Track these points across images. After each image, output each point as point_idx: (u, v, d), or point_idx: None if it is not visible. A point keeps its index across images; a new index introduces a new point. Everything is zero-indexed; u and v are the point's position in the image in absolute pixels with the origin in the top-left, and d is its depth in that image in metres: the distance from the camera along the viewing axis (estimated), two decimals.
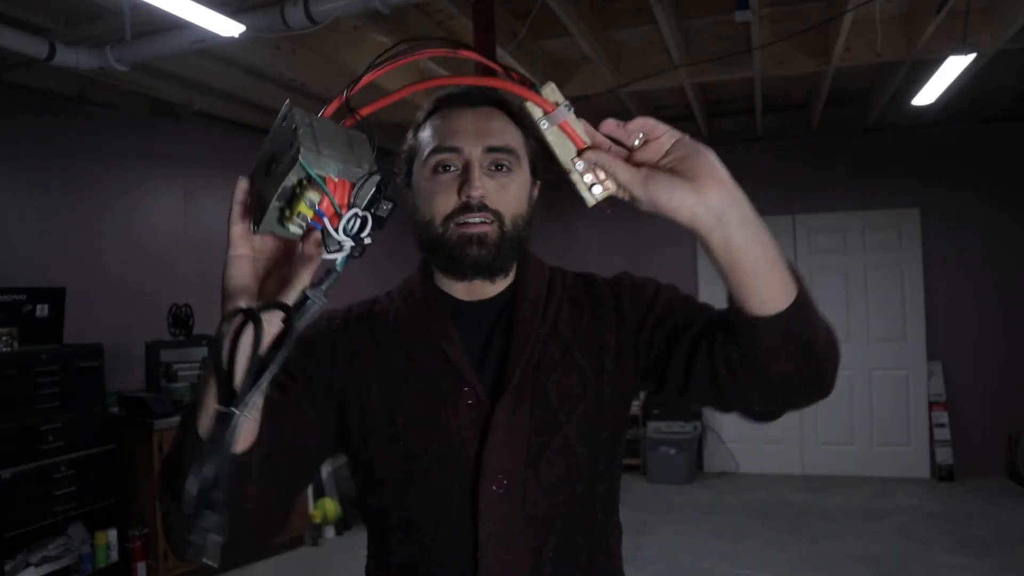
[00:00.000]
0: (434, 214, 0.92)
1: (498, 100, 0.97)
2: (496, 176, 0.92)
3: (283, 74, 3.93)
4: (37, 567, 3.37)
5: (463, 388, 0.90)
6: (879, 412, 5.57)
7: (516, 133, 0.96)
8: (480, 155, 0.91)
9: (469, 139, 0.91)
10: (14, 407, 3.28)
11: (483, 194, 0.89)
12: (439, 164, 0.92)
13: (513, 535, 0.87)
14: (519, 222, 0.93)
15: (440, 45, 0.81)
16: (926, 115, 5.06)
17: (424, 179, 0.94)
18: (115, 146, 4.35)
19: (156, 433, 3.65)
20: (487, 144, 0.91)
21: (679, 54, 3.84)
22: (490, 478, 0.87)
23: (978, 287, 5.44)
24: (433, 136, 0.95)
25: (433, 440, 0.89)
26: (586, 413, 0.92)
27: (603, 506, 0.95)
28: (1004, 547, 4.07)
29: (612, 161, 0.74)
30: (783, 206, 5.79)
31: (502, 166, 0.92)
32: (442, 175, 0.92)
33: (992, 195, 5.43)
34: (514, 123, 0.97)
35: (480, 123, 0.93)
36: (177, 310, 4.20)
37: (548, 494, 0.89)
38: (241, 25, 2.81)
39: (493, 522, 0.87)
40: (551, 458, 0.89)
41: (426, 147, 0.95)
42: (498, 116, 0.96)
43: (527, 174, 0.96)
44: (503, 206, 0.91)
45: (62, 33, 3.23)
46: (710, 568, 3.89)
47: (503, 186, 0.92)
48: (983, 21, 3.66)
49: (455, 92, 0.98)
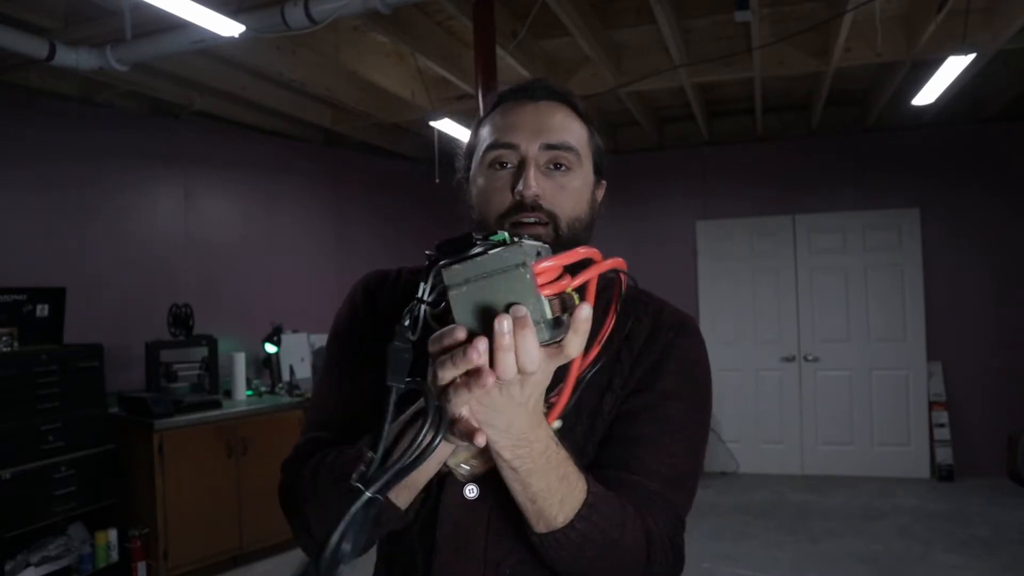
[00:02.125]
0: (488, 212, 0.87)
1: (563, 95, 0.93)
2: (554, 175, 0.88)
3: (283, 74, 3.93)
4: (37, 567, 3.37)
5: None
6: (879, 412, 5.57)
7: (580, 130, 0.92)
8: (537, 152, 0.87)
9: (527, 135, 0.87)
10: (14, 407, 3.27)
11: (537, 193, 0.85)
12: (495, 160, 0.88)
13: (472, 544, 0.84)
14: (576, 225, 0.88)
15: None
16: (926, 115, 5.06)
17: (480, 175, 0.90)
18: (115, 146, 4.35)
19: (156, 433, 3.64)
20: (546, 141, 0.87)
21: (679, 54, 3.84)
22: (459, 483, 0.84)
23: (978, 287, 5.44)
24: (492, 131, 0.91)
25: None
26: (571, 444, 0.85)
27: None
28: (1004, 547, 4.06)
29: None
30: (783, 206, 5.79)
31: (561, 165, 0.88)
32: (498, 171, 0.88)
33: (992, 195, 5.43)
34: (579, 120, 0.93)
35: (541, 118, 0.89)
36: (177, 310, 4.19)
37: (518, 513, 0.84)
38: (241, 25, 2.81)
39: (452, 525, 0.85)
40: None
41: (484, 142, 0.91)
42: (561, 111, 0.91)
43: (589, 174, 0.92)
44: (559, 207, 0.86)
45: (62, 33, 3.23)
46: (710, 568, 3.89)
47: (561, 186, 0.87)
48: (983, 21, 3.66)
49: (518, 86, 0.94)
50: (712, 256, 5.94)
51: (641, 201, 6.06)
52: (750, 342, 5.83)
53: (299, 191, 5.54)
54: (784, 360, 5.78)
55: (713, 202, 5.97)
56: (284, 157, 5.40)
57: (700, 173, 6.03)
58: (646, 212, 6.01)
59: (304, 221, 5.57)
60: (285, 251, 5.39)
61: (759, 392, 5.78)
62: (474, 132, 0.96)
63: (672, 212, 6.03)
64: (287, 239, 5.42)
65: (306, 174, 5.58)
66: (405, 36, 3.54)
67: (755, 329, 5.83)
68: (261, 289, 5.14)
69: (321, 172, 5.69)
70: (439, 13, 3.68)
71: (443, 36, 3.89)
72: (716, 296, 5.90)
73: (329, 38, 3.62)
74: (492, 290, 0.57)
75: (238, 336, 4.68)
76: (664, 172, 6.10)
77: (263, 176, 5.27)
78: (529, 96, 0.92)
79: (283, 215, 5.41)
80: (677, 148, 6.07)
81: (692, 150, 6.03)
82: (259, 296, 5.09)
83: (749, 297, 5.85)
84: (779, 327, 5.80)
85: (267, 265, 5.24)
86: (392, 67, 4.23)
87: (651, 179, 6.08)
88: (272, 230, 5.31)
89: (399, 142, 5.78)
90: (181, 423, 3.77)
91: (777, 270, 5.81)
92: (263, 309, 4.95)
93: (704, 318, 5.85)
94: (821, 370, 5.70)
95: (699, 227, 5.97)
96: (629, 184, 6.06)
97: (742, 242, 5.86)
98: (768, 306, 5.81)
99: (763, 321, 5.82)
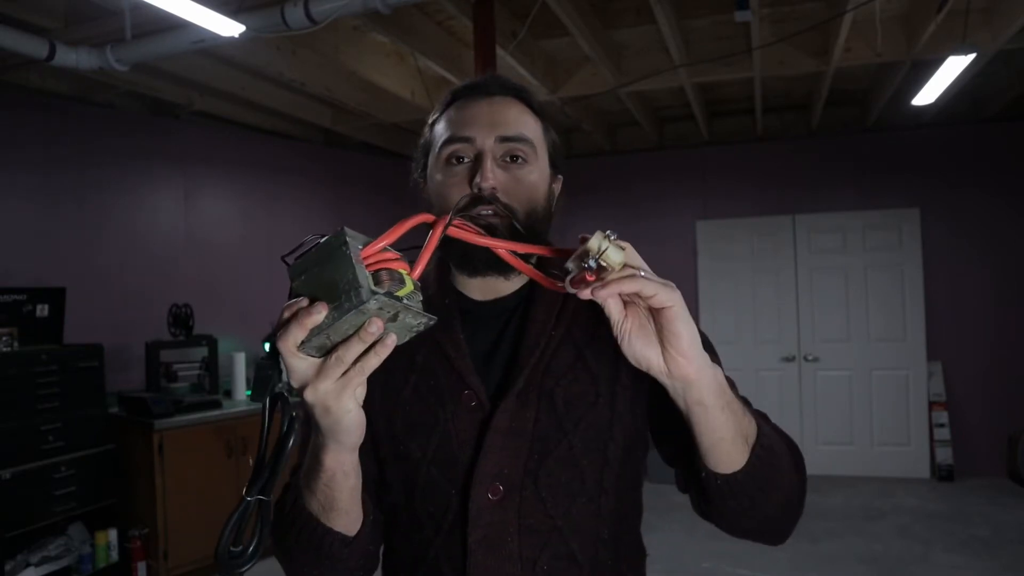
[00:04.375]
0: (447, 208, 0.85)
1: (516, 89, 0.94)
2: (510, 168, 0.88)
3: (283, 74, 3.93)
4: (37, 567, 3.37)
5: (463, 390, 0.87)
6: (879, 412, 5.57)
7: (534, 124, 0.93)
8: (493, 145, 0.87)
9: (482, 128, 0.88)
10: (14, 407, 3.27)
11: (494, 185, 0.85)
12: (452, 155, 0.89)
13: (505, 544, 0.83)
14: (533, 217, 0.88)
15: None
16: (926, 115, 5.06)
17: (438, 171, 0.91)
18: (115, 146, 4.35)
19: (156, 433, 3.64)
20: (501, 134, 0.88)
21: (679, 54, 3.84)
22: (484, 483, 0.84)
23: (978, 287, 5.44)
24: (447, 127, 0.91)
25: (432, 443, 0.87)
26: (595, 424, 0.86)
27: (609, 525, 0.88)
28: (1004, 547, 4.06)
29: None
30: (783, 206, 5.79)
31: (517, 157, 0.88)
32: (455, 167, 0.88)
33: (992, 195, 5.43)
34: (532, 114, 0.93)
35: (495, 112, 0.90)
36: (177, 310, 4.19)
37: (546, 505, 0.84)
38: (241, 25, 2.81)
39: (483, 528, 0.83)
40: (552, 467, 0.85)
41: (439, 138, 0.91)
42: (515, 106, 0.92)
43: (545, 167, 0.92)
44: (516, 199, 0.87)
45: (62, 33, 3.23)
46: (710, 568, 3.89)
47: (517, 178, 0.88)
48: (983, 21, 3.66)
49: (471, 82, 0.95)
50: (712, 256, 5.94)
51: (641, 201, 6.06)
52: (750, 342, 5.83)
53: (299, 191, 5.53)
54: (784, 360, 5.78)
55: (713, 202, 5.97)
56: (284, 157, 5.40)
57: (700, 173, 6.02)
58: (646, 212, 6.02)
59: (304, 221, 5.57)
60: (285, 251, 5.36)
61: (759, 392, 5.78)
62: (429, 129, 0.96)
63: (672, 212, 6.03)
64: (287, 239, 5.37)
65: (306, 174, 5.58)
66: (405, 36, 3.54)
67: (755, 329, 5.83)
68: (261, 289, 5.13)
69: (321, 172, 5.69)
70: (439, 13, 3.68)
71: (443, 36, 3.89)
72: (716, 296, 5.90)
73: (329, 38, 3.62)
74: (323, 274, 0.65)
75: (238, 336, 4.68)
76: (664, 172, 6.10)
77: (263, 176, 5.27)
78: (483, 91, 0.92)
79: (283, 215, 5.41)
80: (677, 148, 6.07)
81: (692, 150, 6.03)
82: (259, 296, 5.09)
83: (749, 297, 5.85)
84: (779, 327, 5.80)
85: (267, 265, 5.23)
86: (392, 67, 4.23)
87: (651, 179, 6.08)
88: (272, 230, 5.31)
89: (399, 142, 5.78)
90: (181, 423, 3.76)
91: (777, 270, 5.81)
92: (263, 309, 4.94)
93: (704, 318, 5.85)
94: (821, 370, 5.70)
95: (699, 227, 5.97)
96: (629, 184, 6.07)
97: (742, 242, 5.86)
98: (768, 306, 5.81)
99: (763, 321, 5.82)
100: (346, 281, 0.63)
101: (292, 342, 0.66)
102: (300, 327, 0.65)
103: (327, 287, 0.65)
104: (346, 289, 0.63)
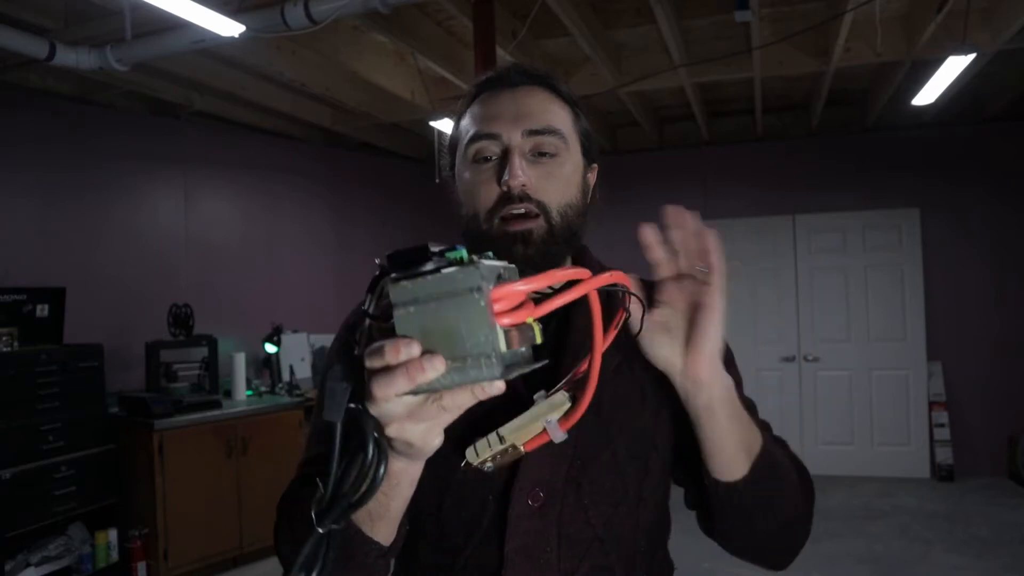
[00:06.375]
0: (477, 208, 0.83)
1: (541, 77, 0.89)
2: (540, 162, 0.84)
3: (283, 74, 3.93)
4: (37, 567, 3.37)
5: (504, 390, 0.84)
6: (879, 412, 5.57)
7: (562, 112, 0.87)
8: (520, 140, 0.83)
9: (507, 123, 0.83)
10: (14, 407, 3.27)
11: (524, 182, 0.81)
12: (478, 153, 0.84)
13: (543, 553, 0.79)
14: (569, 212, 0.84)
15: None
16: (926, 115, 5.06)
17: (466, 170, 0.86)
18: (115, 146, 4.35)
19: (156, 433, 3.64)
20: (527, 127, 0.83)
21: (679, 54, 3.84)
22: (524, 489, 0.79)
23: (978, 287, 5.44)
24: (472, 123, 0.87)
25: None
26: (639, 431, 0.83)
27: (647, 536, 0.85)
28: (1004, 547, 4.06)
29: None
30: (783, 206, 5.79)
31: (546, 151, 0.84)
32: (482, 165, 0.84)
33: (992, 195, 5.43)
34: (561, 101, 0.88)
35: (520, 104, 0.85)
36: (177, 310, 4.19)
37: (588, 513, 0.80)
38: (241, 25, 2.81)
39: (522, 537, 0.79)
40: (595, 475, 0.81)
41: (465, 135, 0.87)
42: (540, 94, 0.87)
43: (578, 157, 0.88)
44: (548, 195, 0.83)
45: (62, 33, 3.23)
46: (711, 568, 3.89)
47: (548, 173, 0.83)
48: (983, 21, 3.66)
49: (494, 74, 0.90)
50: None
51: (641, 201, 6.05)
52: (750, 342, 5.82)
53: (299, 191, 5.53)
54: (784, 360, 5.78)
55: (713, 202, 5.97)
56: (284, 157, 5.40)
57: (700, 173, 6.02)
58: (646, 212, 5.97)
59: (304, 221, 5.57)
60: (285, 251, 5.39)
61: (759, 392, 5.73)
62: (455, 126, 0.92)
63: None
64: (287, 239, 5.42)
65: (306, 174, 5.58)
66: (405, 36, 3.54)
67: (755, 329, 5.83)
68: (261, 289, 5.14)
69: (321, 172, 5.69)
70: (439, 13, 3.68)
71: (443, 36, 3.89)
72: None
73: (329, 38, 3.62)
74: (442, 314, 0.51)
75: (238, 336, 4.68)
76: (664, 172, 6.10)
77: (263, 176, 5.27)
78: (506, 82, 0.88)
79: (283, 215, 5.41)
80: (677, 148, 6.07)
81: (692, 150, 6.03)
82: (259, 296, 5.09)
83: (749, 297, 5.85)
84: (779, 327, 5.80)
85: (267, 265, 5.24)
86: (392, 67, 4.23)
87: (651, 179, 6.08)
88: (272, 230, 5.32)
89: (399, 142, 5.78)
90: (181, 423, 3.77)
91: (777, 270, 5.81)
92: (263, 309, 4.95)
93: None
94: (821, 370, 5.70)
95: None
96: (629, 184, 6.06)
97: (742, 242, 5.87)
98: (768, 306, 5.81)
99: (763, 321, 5.82)
100: (475, 342, 0.51)
101: (393, 392, 0.53)
102: (408, 381, 0.52)
103: (445, 334, 0.52)
104: (475, 353, 0.51)
